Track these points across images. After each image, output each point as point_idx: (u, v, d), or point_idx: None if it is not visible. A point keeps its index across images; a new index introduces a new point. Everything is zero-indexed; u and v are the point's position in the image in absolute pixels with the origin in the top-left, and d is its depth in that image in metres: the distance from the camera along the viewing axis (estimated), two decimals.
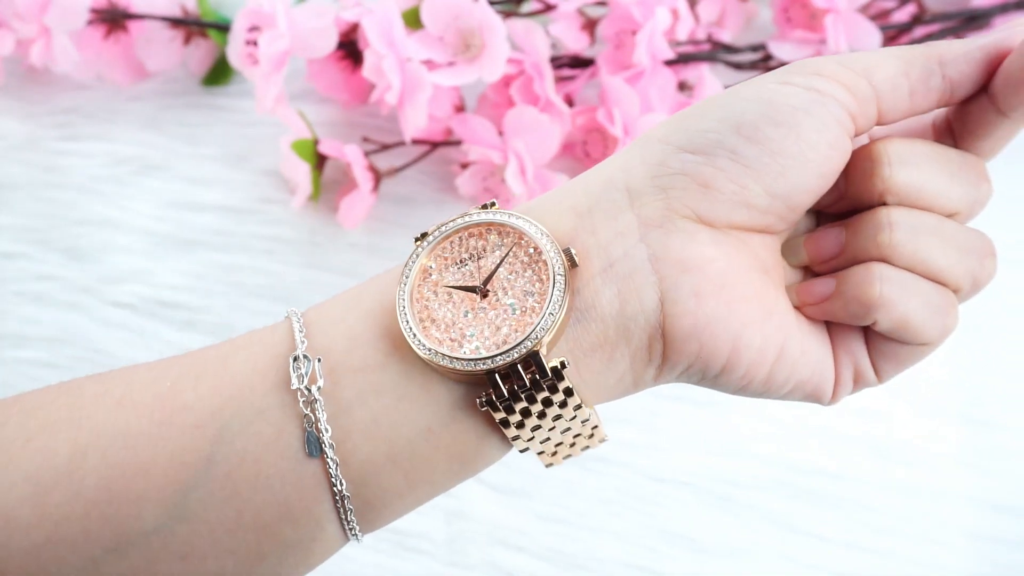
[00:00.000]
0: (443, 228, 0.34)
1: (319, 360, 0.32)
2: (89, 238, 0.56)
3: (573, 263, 0.32)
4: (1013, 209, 0.57)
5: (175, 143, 0.59)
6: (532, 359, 0.31)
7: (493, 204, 0.34)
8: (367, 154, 0.55)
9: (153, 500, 0.31)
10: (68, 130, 0.59)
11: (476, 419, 0.32)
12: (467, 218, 0.34)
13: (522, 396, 0.31)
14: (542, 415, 0.32)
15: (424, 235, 0.34)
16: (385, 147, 0.57)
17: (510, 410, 0.32)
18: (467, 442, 0.33)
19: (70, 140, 0.59)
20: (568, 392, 0.32)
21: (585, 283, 0.32)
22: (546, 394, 0.32)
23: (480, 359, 0.31)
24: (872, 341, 0.35)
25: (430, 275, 0.34)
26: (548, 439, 0.34)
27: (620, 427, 0.50)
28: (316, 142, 0.55)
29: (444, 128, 0.57)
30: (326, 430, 0.31)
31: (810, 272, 0.36)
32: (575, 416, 0.33)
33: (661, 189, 0.32)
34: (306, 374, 0.32)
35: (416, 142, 0.56)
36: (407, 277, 0.33)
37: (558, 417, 0.33)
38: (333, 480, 0.32)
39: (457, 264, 0.33)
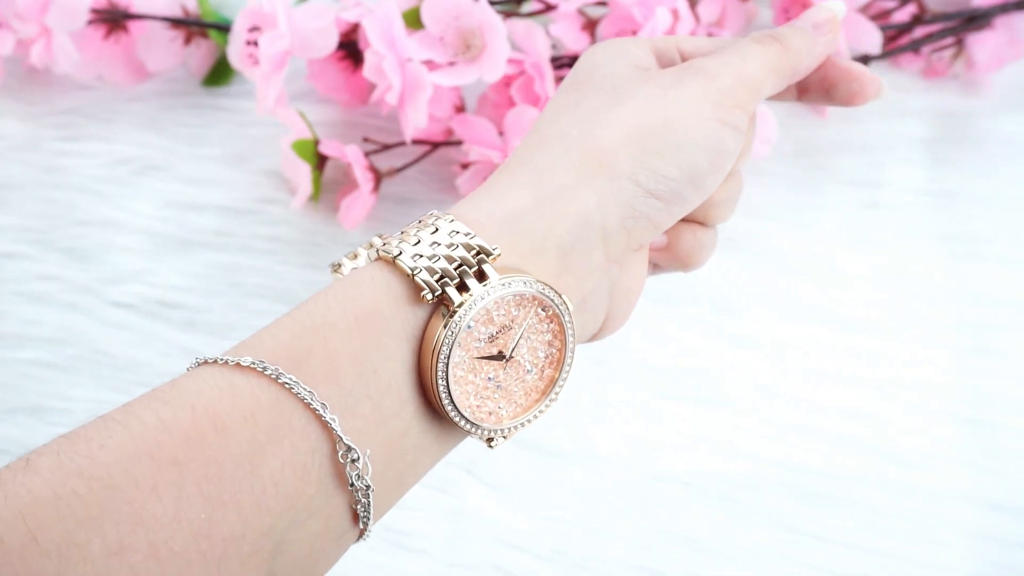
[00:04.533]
0: (476, 303, 0.33)
1: (368, 452, 0.32)
2: (89, 238, 0.56)
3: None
4: (1013, 209, 0.57)
5: (175, 143, 0.59)
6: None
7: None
8: (367, 154, 0.55)
9: None
10: (68, 130, 0.59)
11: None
12: (504, 289, 0.33)
13: None
14: None
15: (440, 299, 0.33)
16: (385, 147, 0.57)
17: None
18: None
19: (70, 140, 0.59)
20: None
21: None
22: None
23: (500, 429, 0.35)
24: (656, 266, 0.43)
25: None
26: None
27: (621, 427, 0.50)
28: (316, 142, 0.55)
29: (444, 128, 0.57)
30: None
31: None
32: None
33: (626, 230, 0.36)
34: (361, 469, 0.31)
35: (416, 142, 0.56)
36: (447, 355, 0.32)
37: None
38: (360, 517, 0.32)
39: (486, 333, 0.34)
